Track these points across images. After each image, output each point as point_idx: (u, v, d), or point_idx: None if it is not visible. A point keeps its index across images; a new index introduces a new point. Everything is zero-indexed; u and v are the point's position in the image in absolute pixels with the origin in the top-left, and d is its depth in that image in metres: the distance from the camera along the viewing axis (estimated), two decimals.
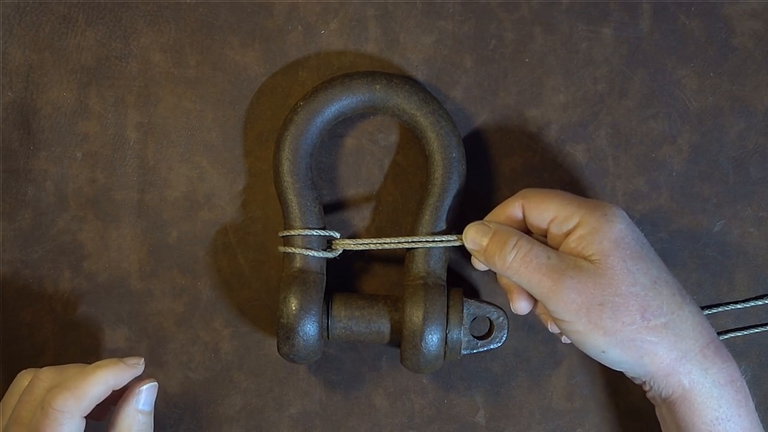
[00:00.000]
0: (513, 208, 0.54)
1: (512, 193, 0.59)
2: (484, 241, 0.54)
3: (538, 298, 0.52)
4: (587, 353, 0.52)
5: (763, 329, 0.60)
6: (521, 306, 0.55)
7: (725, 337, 0.60)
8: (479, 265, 0.56)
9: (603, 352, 0.51)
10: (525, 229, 0.54)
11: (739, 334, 0.60)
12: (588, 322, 0.50)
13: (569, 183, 0.59)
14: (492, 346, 0.57)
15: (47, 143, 0.60)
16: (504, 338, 0.57)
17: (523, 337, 0.60)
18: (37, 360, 0.60)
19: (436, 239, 0.56)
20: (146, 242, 0.60)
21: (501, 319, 0.57)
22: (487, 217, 0.56)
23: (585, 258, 0.51)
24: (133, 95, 0.60)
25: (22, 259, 0.60)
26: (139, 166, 0.60)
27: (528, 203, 0.54)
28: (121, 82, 0.60)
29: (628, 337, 0.50)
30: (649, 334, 0.50)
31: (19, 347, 0.60)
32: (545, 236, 0.54)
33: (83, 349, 0.60)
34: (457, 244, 0.56)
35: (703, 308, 0.56)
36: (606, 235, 0.51)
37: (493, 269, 0.54)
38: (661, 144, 0.59)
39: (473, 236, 0.54)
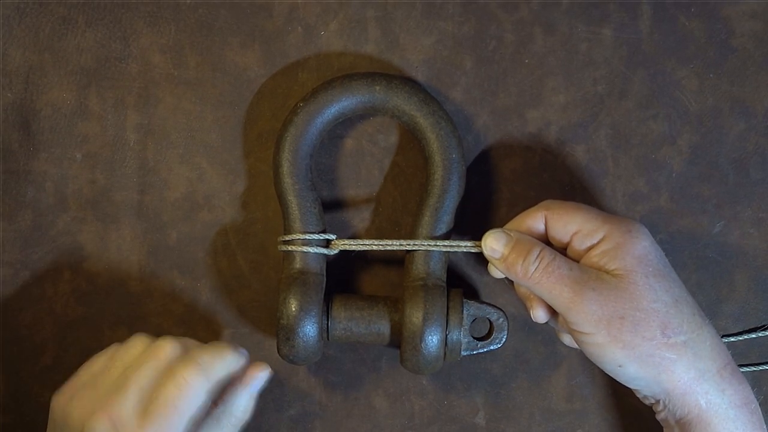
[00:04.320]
0: (535, 219, 0.54)
1: (512, 194, 0.59)
2: (506, 250, 0.53)
3: (557, 309, 0.52)
4: (603, 368, 0.52)
5: (763, 333, 0.60)
6: (539, 315, 0.55)
7: (725, 340, 0.59)
8: (496, 272, 0.55)
9: (620, 366, 0.51)
10: (545, 240, 0.54)
11: (741, 338, 0.60)
12: (608, 334, 0.50)
13: (569, 184, 0.59)
14: (492, 347, 0.57)
15: (47, 144, 0.60)
16: (504, 339, 0.57)
17: (523, 338, 0.60)
18: (37, 361, 0.60)
19: (452, 244, 0.56)
20: (146, 243, 0.60)
21: (501, 320, 0.57)
22: (507, 226, 0.55)
23: (607, 272, 0.51)
24: (133, 96, 0.60)
25: (21, 260, 0.60)
26: (139, 167, 0.60)
27: (552, 215, 0.53)
28: (121, 84, 0.60)
29: (647, 352, 0.50)
30: (668, 350, 0.50)
31: (19, 348, 0.60)
32: (565, 249, 0.54)
33: (83, 350, 0.60)
34: (475, 250, 0.55)
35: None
36: (630, 251, 0.51)
37: (512, 278, 0.53)
38: (661, 145, 0.59)
39: (493, 244, 0.54)
